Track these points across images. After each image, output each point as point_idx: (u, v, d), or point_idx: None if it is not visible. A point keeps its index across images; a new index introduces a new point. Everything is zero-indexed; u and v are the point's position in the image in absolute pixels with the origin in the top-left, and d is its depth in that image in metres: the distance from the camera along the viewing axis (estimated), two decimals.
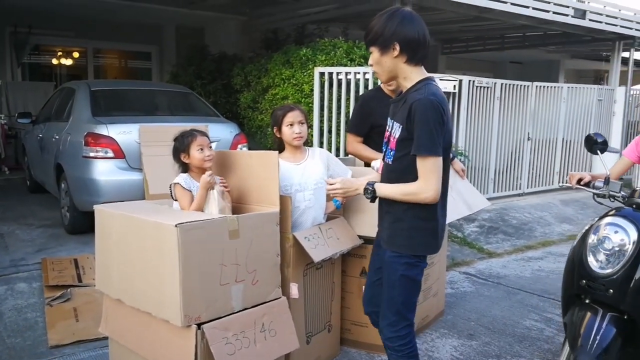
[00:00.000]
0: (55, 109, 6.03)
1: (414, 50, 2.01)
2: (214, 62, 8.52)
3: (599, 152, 2.69)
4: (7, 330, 3.26)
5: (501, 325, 3.64)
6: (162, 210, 2.52)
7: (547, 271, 4.90)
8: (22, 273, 4.07)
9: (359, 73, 5.76)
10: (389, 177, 2.14)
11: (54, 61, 10.71)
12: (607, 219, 2.24)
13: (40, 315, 3.46)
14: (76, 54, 10.70)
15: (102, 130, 4.74)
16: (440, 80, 5.76)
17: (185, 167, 2.67)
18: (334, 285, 3.04)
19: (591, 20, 8.16)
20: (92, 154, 4.69)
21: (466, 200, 3.39)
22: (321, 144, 6.13)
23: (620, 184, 2.50)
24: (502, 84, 7.02)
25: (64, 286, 3.74)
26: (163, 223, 2.15)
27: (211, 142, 2.75)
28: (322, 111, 6.12)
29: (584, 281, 2.20)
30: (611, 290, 2.11)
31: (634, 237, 2.12)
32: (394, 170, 2.12)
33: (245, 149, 5.47)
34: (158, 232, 2.18)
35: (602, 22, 8.35)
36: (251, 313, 2.32)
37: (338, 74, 5.90)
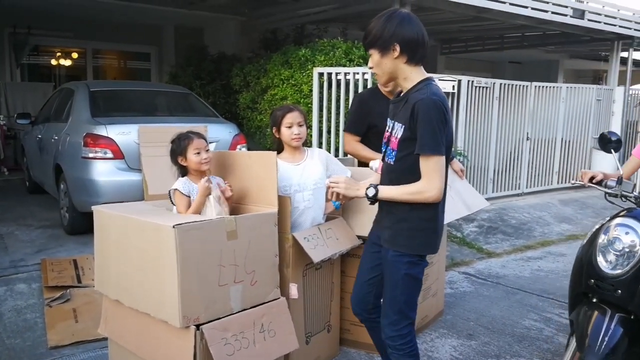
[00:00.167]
0: (54, 110, 6.02)
1: (414, 50, 2.03)
2: (213, 62, 8.52)
3: (612, 150, 2.68)
4: (7, 331, 3.26)
5: (500, 325, 3.65)
6: (160, 212, 2.53)
7: (546, 271, 4.89)
8: (21, 274, 4.07)
9: (357, 73, 5.75)
10: (389, 177, 2.15)
11: (53, 62, 10.70)
12: (618, 219, 2.23)
13: (40, 316, 3.46)
14: (75, 55, 10.70)
15: (101, 131, 4.74)
16: (439, 80, 5.76)
17: (184, 170, 2.64)
18: (333, 286, 3.04)
19: (590, 20, 8.17)
20: (91, 155, 4.69)
21: (465, 200, 3.39)
22: (320, 144, 6.12)
23: (632, 184, 2.49)
24: (501, 84, 7.03)
25: (63, 287, 3.74)
26: (161, 224, 2.15)
27: (210, 143, 2.74)
28: (321, 111, 6.11)
29: (593, 280, 2.20)
30: (620, 291, 2.11)
31: None
32: (395, 170, 2.12)
33: (245, 149, 5.47)
34: (156, 233, 2.18)
35: (600, 22, 8.36)
36: (250, 314, 2.32)
37: (337, 74, 5.90)
